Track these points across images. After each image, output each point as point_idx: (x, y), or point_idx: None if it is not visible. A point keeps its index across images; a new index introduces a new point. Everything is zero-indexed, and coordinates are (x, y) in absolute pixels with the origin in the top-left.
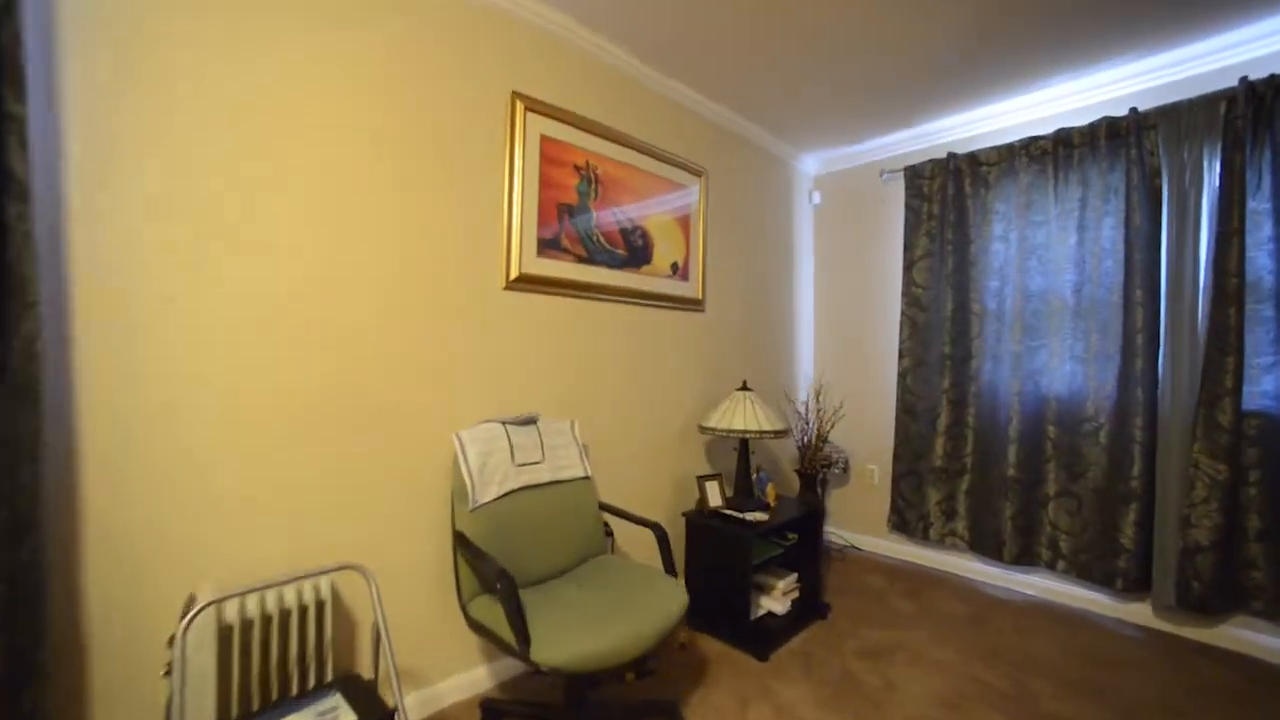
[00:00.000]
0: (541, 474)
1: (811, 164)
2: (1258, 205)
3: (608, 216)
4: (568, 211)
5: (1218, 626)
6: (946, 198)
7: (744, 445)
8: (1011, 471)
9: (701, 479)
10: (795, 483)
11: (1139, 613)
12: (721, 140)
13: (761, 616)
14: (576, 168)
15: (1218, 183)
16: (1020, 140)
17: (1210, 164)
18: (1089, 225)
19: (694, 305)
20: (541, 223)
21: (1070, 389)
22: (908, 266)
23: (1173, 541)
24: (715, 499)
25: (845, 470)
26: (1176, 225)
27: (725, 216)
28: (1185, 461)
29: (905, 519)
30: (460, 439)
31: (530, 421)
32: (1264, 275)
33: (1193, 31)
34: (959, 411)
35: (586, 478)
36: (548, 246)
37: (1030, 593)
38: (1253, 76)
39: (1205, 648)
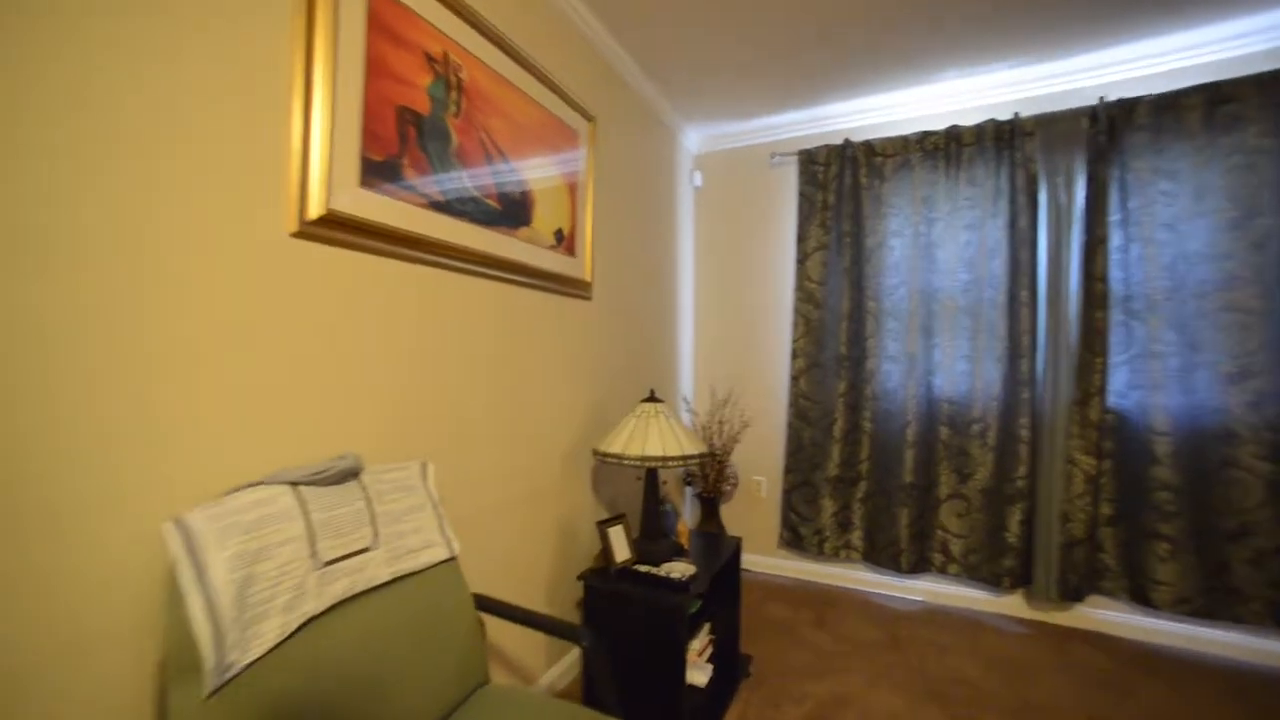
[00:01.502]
0: (374, 569)
1: (694, 140)
2: (1110, 217)
3: (475, 146)
4: (414, 123)
5: (1076, 608)
6: (843, 187)
7: (653, 475)
8: (909, 478)
9: (604, 525)
10: (680, 506)
11: (1015, 605)
12: (613, 89)
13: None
14: (430, 59)
15: (1084, 193)
16: (915, 134)
17: (1078, 174)
18: (979, 225)
19: (581, 289)
20: (370, 132)
21: (961, 390)
22: (801, 259)
23: (1055, 537)
24: (622, 551)
25: (734, 485)
26: (1053, 231)
27: (614, 183)
28: (1064, 459)
29: (799, 534)
30: (186, 534)
31: (347, 476)
32: (1113, 283)
33: (1064, 47)
34: (855, 416)
35: (451, 559)
36: (380, 174)
37: (920, 598)
38: (1109, 98)
39: (1074, 631)
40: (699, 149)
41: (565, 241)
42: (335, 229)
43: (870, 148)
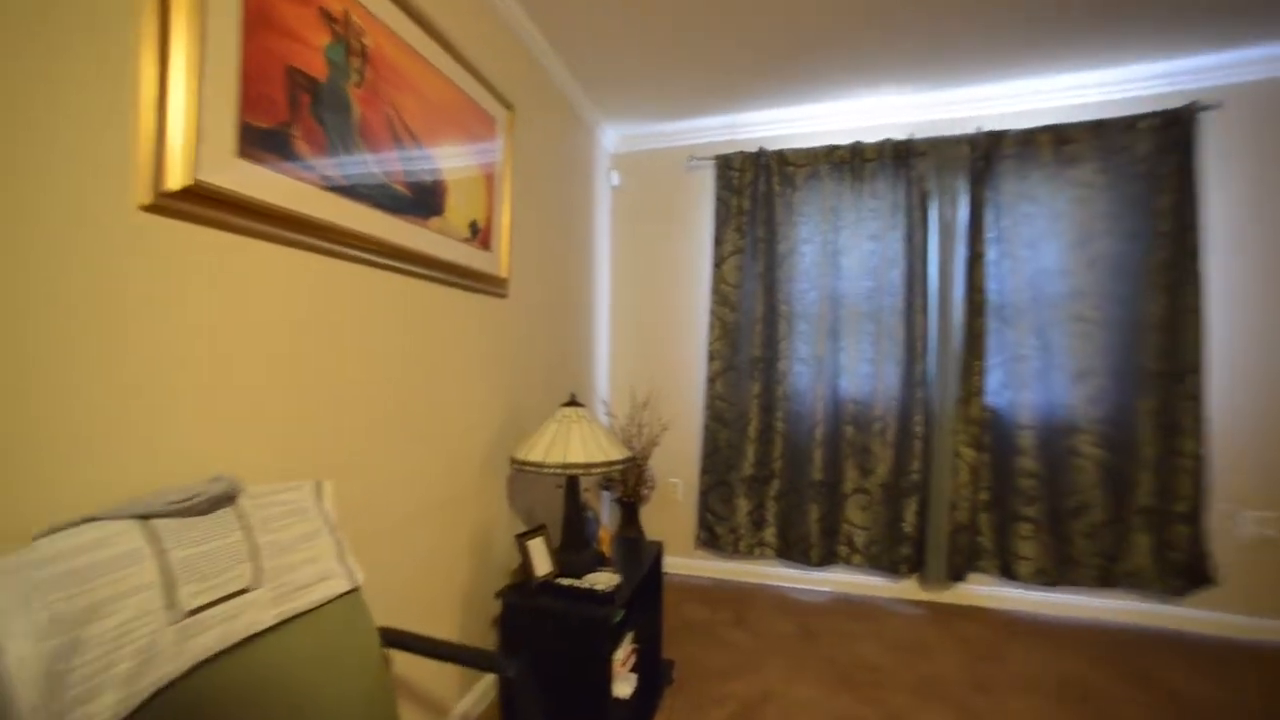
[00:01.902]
0: (255, 613)
1: (612, 138)
2: (987, 234)
3: (381, 123)
4: (308, 89)
5: (959, 587)
6: (757, 193)
7: (574, 483)
8: (818, 475)
9: (523, 538)
10: (600, 512)
11: (910, 589)
12: (533, 78)
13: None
14: (329, 17)
15: (966, 211)
16: (824, 146)
17: (962, 194)
18: (880, 236)
19: (497, 286)
20: (252, 93)
21: (864, 391)
22: (718, 262)
23: (944, 524)
24: (543, 564)
25: (652, 488)
26: (943, 244)
27: (532, 177)
28: (951, 453)
29: (715, 534)
30: None
31: (220, 502)
32: (989, 294)
33: (951, 79)
34: (769, 417)
35: (353, 590)
36: (266, 145)
37: (829, 589)
38: (984, 128)
39: (959, 608)
40: (617, 148)
41: (481, 235)
42: (207, 205)
43: (783, 157)
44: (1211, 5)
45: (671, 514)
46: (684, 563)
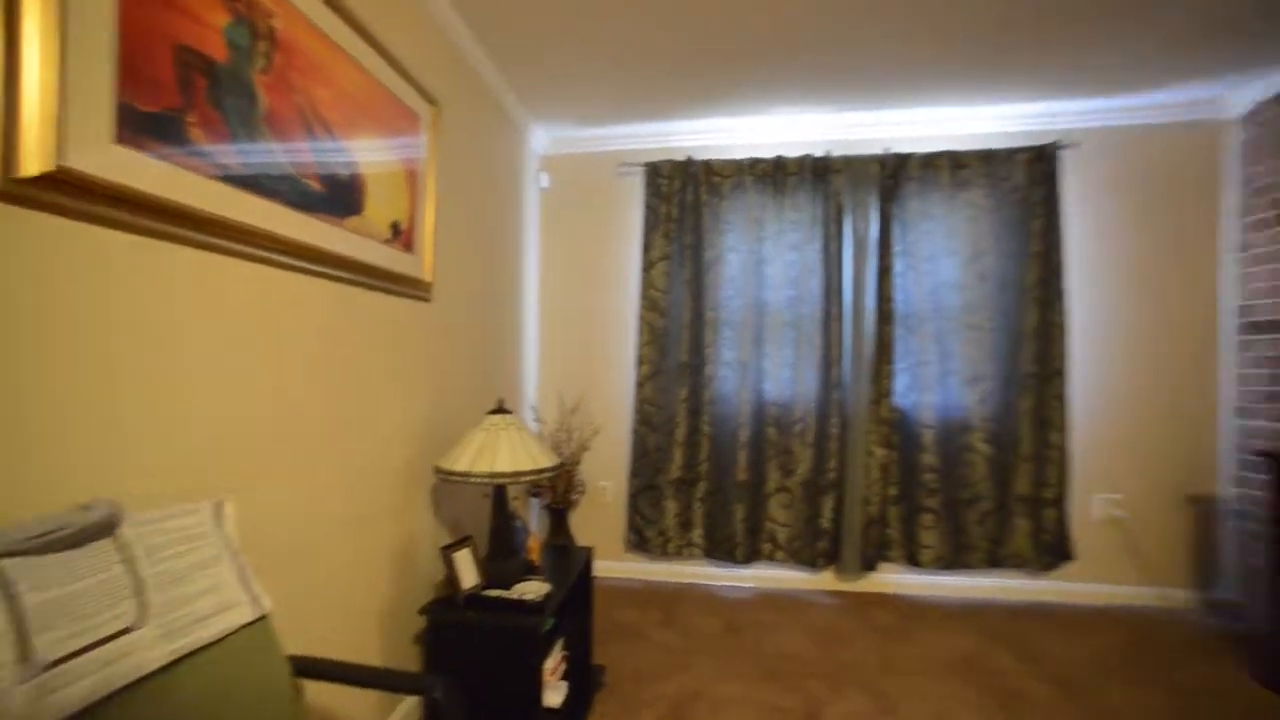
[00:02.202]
0: (142, 653)
1: (542, 140)
2: (895, 248)
3: (292, 114)
4: (204, 71)
5: (871, 576)
6: (685, 201)
7: (501, 492)
8: (743, 475)
9: (449, 550)
10: (528, 520)
11: (828, 580)
12: (459, 75)
13: None
14: None
15: (877, 226)
16: (748, 159)
17: (873, 210)
18: (801, 247)
19: (420, 290)
20: (133, 72)
21: (785, 394)
22: (646, 268)
23: (857, 518)
24: (470, 576)
25: (582, 493)
26: (856, 256)
27: (458, 177)
28: (864, 451)
29: (644, 537)
30: None
31: (95, 533)
32: (897, 304)
33: (864, 103)
34: (696, 420)
35: (260, 619)
36: (153, 131)
37: (753, 585)
38: (892, 149)
39: (870, 595)
40: (546, 150)
41: (403, 236)
42: (76, 195)
43: (710, 167)
44: (1069, 64)
45: (602, 518)
46: (614, 566)
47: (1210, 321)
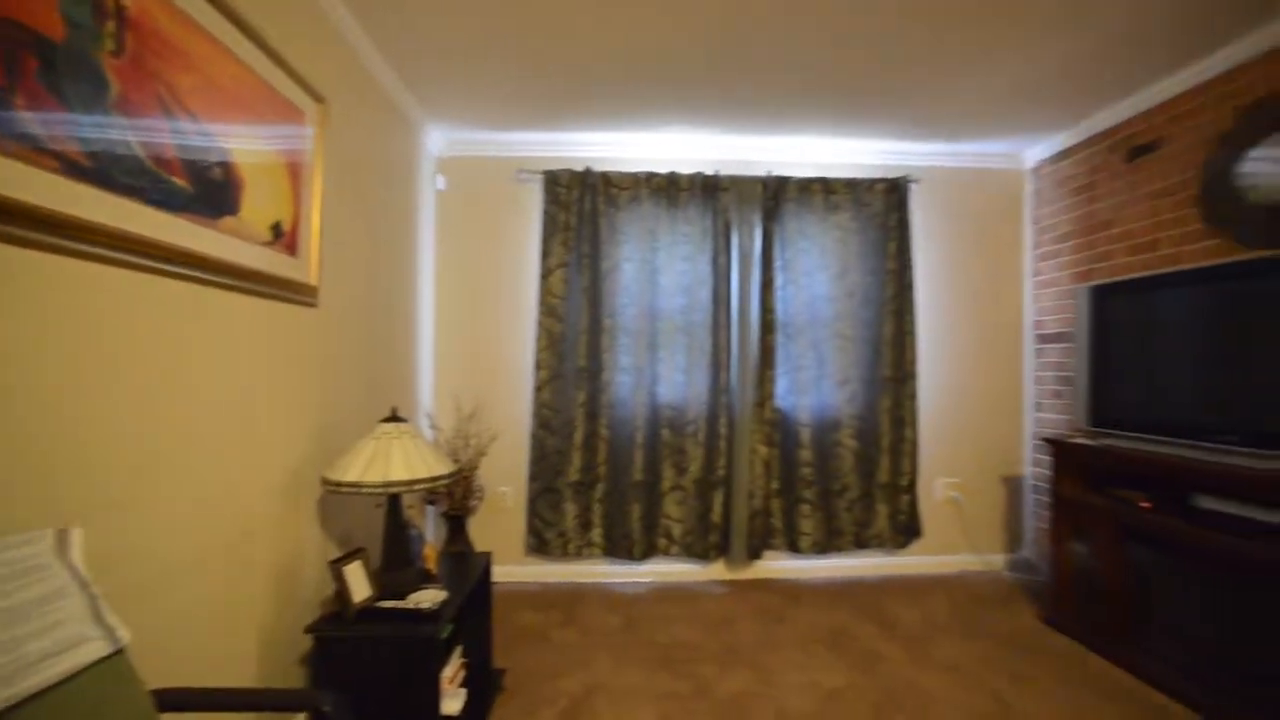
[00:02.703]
0: None
1: (438, 141)
2: (776, 262)
3: (150, 105)
4: (34, 49)
5: (757, 565)
6: (583, 210)
7: (395, 501)
8: (639, 476)
9: (338, 564)
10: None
11: (718, 571)
12: (349, 71)
13: None
14: None
15: (760, 242)
16: (644, 172)
17: (757, 227)
18: (693, 258)
19: (305, 294)
20: None
21: (679, 397)
22: (545, 274)
23: (743, 511)
24: (362, 589)
25: (481, 498)
26: (742, 269)
27: (347, 176)
28: (749, 449)
29: (544, 539)
30: None
31: None
32: (778, 314)
33: (749, 129)
34: (593, 424)
35: (115, 653)
36: None
37: (650, 580)
38: (774, 173)
39: (756, 582)
40: (443, 151)
41: (286, 238)
42: None
43: (608, 179)
44: (911, 114)
45: (501, 523)
46: (515, 570)
47: (1016, 333)
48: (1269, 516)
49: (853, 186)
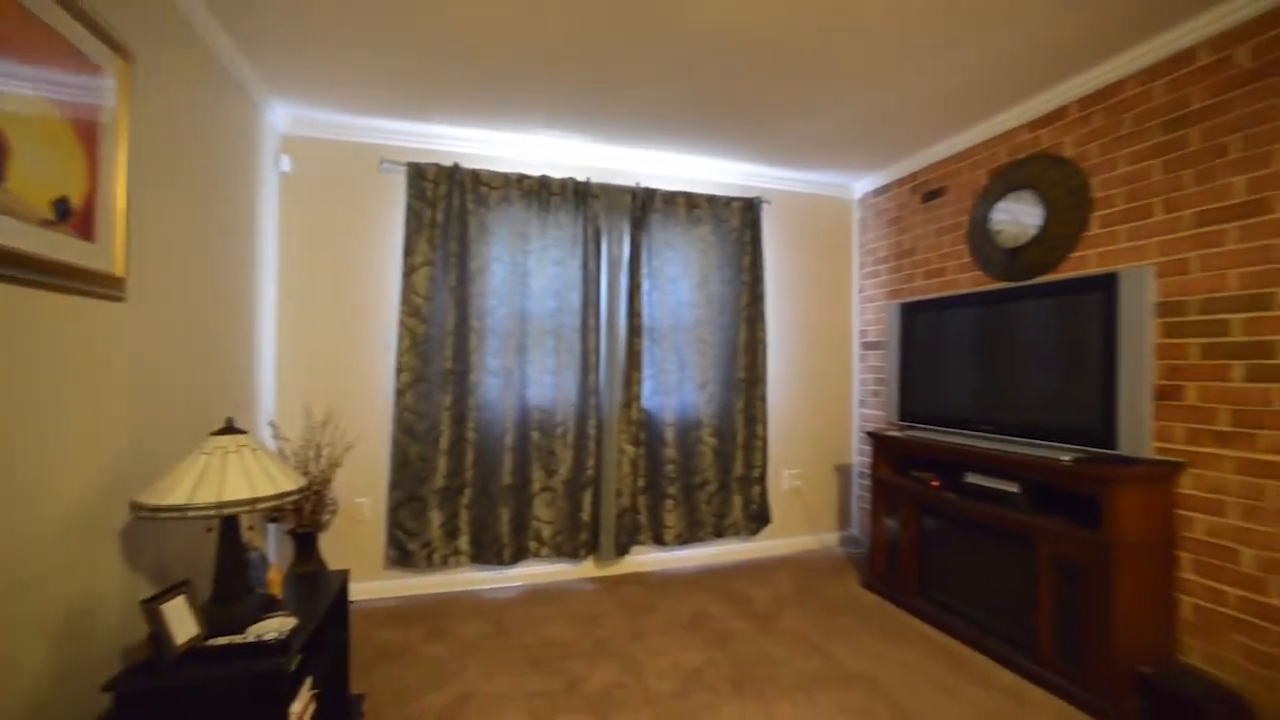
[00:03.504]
0: None
1: (284, 117)
2: (643, 269)
3: None
4: None
5: (625, 560)
6: (451, 208)
7: (231, 523)
8: (508, 479)
9: (153, 603)
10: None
11: (588, 569)
12: (166, 25)
13: None
14: None
15: (628, 249)
16: (515, 173)
17: (625, 235)
18: (563, 262)
19: (107, 287)
20: None
21: (548, 399)
22: (408, 272)
23: (612, 509)
24: (187, 628)
25: (335, 512)
26: (611, 275)
27: (165, 150)
28: (617, 449)
29: (407, 551)
30: None
31: None
32: (645, 318)
33: (620, 140)
34: (460, 428)
35: None
36: None
37: (520, 584)
38: (642, 184)
39: (625, 576)
40: (290, 129)
41: (77, 217)
42: None
43: (478, 177)
44: (759, 141)
45: (358, 537)
46: (375, 586)
47: (847, 341)
48: (1010, 487)
49: (713, 202)
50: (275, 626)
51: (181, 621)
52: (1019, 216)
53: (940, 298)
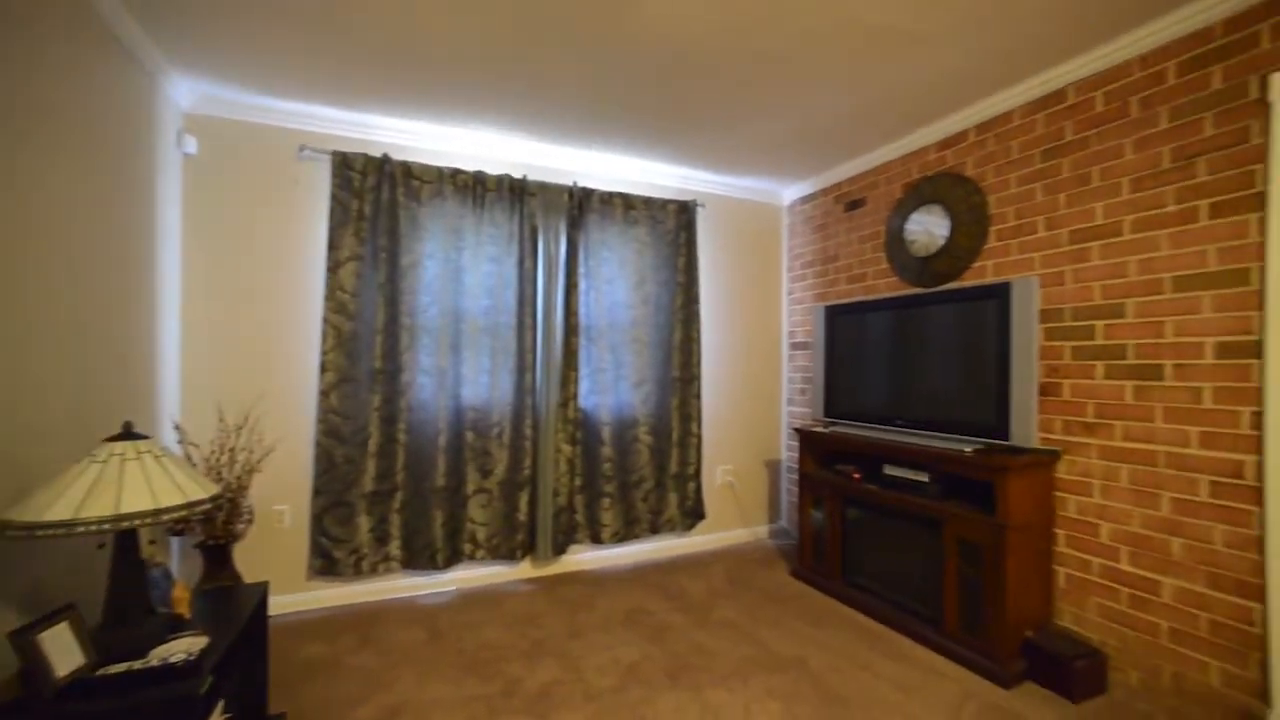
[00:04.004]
0: None
1: (186, 93)
2: (580, 269)
3: None
4: None
5: (562, 559)
6: (380, 200)
7: (127, 538)
8: (442, 481)
9: (27, 634)
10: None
11: (525, 570)
12: None
13: None
14: None
15: (565, 248)
16: (449, 168)
17: (562, 234)
18: (498, 260)
19: None
20: None
21: (483, 399)
22: (333, 267)
23: (549, 509)
24: (72, 658)
25: (250, 521)
26: (547, 273)
27: (32, 120)
28: (554, 448)
29: (333, 559)
30: None
31: None
32: (581, 317)
33: (558, 139)
34: (390, 429)
35: None
36: None
37: (455, 588)
38: (580, 184)
39: (563, 575)
40: (195, 107)
41: None
42: None
43: (409, 169)
44: (694, 145)
45: (278, 547)
46: (298, 599)
47: (776, 341)
48: (921, 477)
49: (649, 204)
50: (183, 647)
51: (64, 651)
52: (929, 228)
53: (861, 301)
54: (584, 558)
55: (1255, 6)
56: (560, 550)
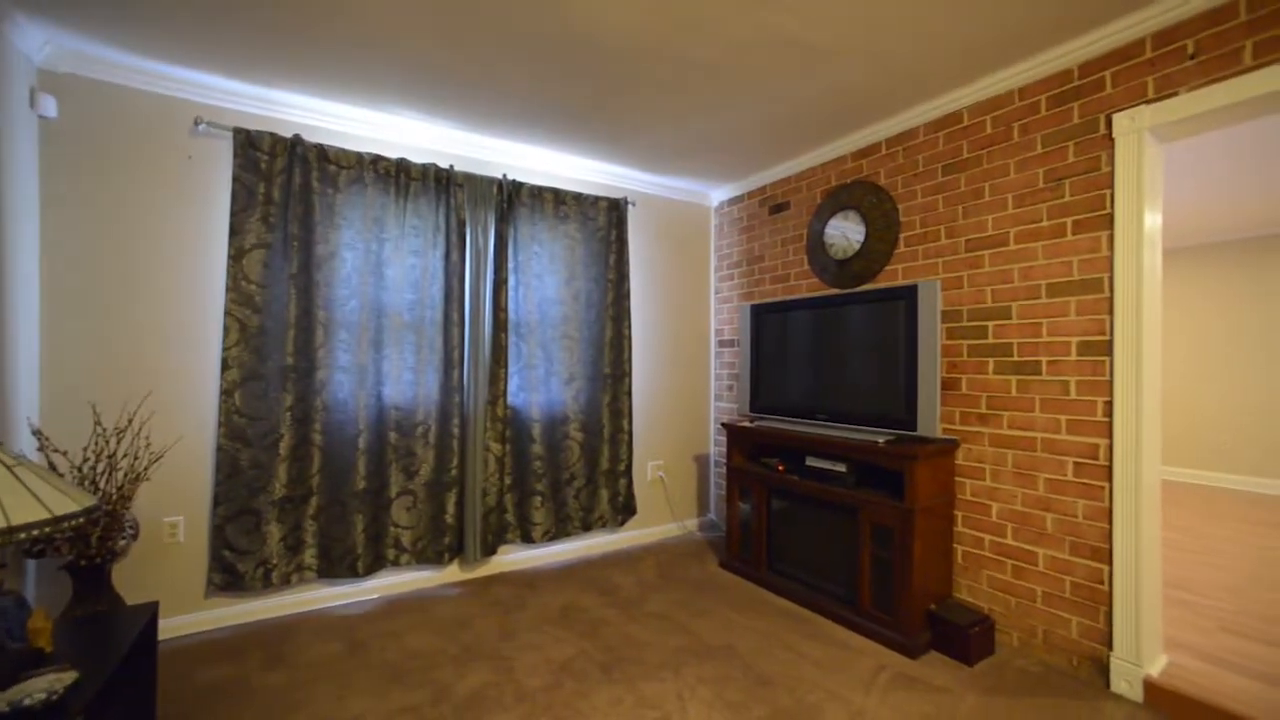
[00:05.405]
0: None
1: (37, 43)
2: (509, 263)
3: None
4: None
5: (492, 560)
6: (291, 185)
7: None
8: (362, 483)
9: None
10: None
11: (453, 573)
12: None
13: None
14: None
15: (494, 242)
16: (370, 154)
17: (491, 227)
18: (423, 252)
19: None
20: None
21: (407, 397)
22: (236, 256)
23: (477, 510)
24: None
25: (135, 535)
26: (475, 267)
27: None
28: (482, 448)
29: (237, 573)
30: None
31: None
32: (511, 313)
33: (485, 129)
34: (304, 430)
35: None
36: None
37: (378, 596)
38: (509, 177)
39: (493, 577)
40: (51, 61)
41: None
42: None
43: (325, 153)
44: (625, 145)
45: (169, 563)
46: (196, 618)
47: (705, 338)
48: (839, 468)
49: (580, 200)
50: (43, 686)
51: None
52: (846, 232)
53: (784, 301)
54: (515, 558)
55: (1102, 55)
56: (490, 551)
